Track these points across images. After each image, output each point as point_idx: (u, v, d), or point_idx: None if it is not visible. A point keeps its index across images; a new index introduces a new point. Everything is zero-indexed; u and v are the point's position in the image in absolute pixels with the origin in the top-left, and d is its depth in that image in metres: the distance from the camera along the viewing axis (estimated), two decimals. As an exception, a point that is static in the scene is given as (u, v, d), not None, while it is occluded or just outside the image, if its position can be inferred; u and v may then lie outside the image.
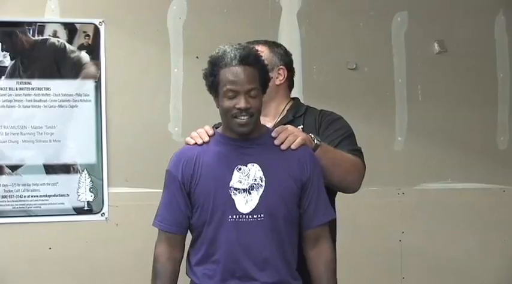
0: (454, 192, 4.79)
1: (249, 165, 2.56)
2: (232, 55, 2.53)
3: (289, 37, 4.58)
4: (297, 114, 3.02)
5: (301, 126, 2.96)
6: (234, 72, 2.52)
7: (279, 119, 3.00)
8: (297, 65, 4.53)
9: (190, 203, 2.59)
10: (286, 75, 3.04)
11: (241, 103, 2.52)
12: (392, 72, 4.74)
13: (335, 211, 2.75)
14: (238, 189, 2.54)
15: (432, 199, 4.74)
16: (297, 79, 4.61)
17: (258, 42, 3.07)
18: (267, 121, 2.96)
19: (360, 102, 4.62)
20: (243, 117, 2.54)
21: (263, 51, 2.94)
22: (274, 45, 3.10)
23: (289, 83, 3.10)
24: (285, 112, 3.02)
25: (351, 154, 2.87)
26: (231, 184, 2.54)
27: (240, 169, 2.56)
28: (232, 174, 2.55)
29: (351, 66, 4.67)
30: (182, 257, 2.65)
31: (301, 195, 2.60)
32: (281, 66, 3.03)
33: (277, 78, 3.01)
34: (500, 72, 4.88)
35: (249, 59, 2.53)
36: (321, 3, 4.66)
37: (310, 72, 4.59)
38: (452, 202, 4.78)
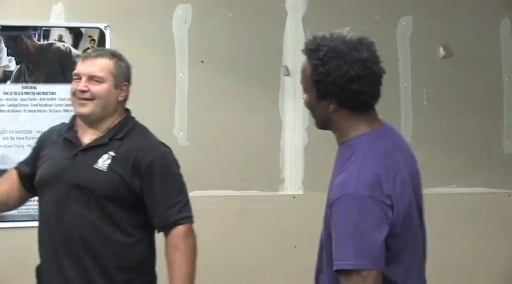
0: (459, 197, 4.79)
1: None
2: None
3: (294, 41, 4.59)
4: (117, 135, 2.95)
5: (113, 154, 2.89)
6: None
7: (94, 137, 2.95)
8: (302, 70, 4.59)
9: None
10: (128, 92, 3.05)
11: None
12: (398, 76, 4.74)
13: None
14: None
15: (437, 204, 4.72)
16: (302, 83, 4.65)
17: (105, 53, 3.03)
18: (88, 139, 2.94)
19: (365, 106, 4.62)
20: None
21: (109, 65, 2.95)
22: (120, 60, 3.04)
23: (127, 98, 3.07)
24: (107, 130, 2.97)
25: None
26: None
27: None
28: None
29: (356, 71, 4.67)
30: None
31: None
32: (125, 82, 3.03)
33: (120, 94, 2.99)
34: (505, 76, 4.88)
35: None
36: (326, 8, 4.66)
37: (315, 77, 4.59)
38: (457, 207, 4.78)
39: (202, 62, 4.49)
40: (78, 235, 2.86)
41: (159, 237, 3.00)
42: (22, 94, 4.29)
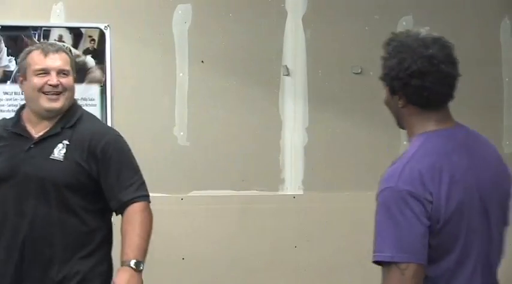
0: (459, 197, 4.78)
1: None
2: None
3: (294, 41, 4.58)
4: (67, 124, 2.96)
5: (67, 143, 2.91)
6: None
7: (46, 129, 2.95)
8: (302, 69, 4.59)
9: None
10: None
11: None
12: (398, 76, 4.74)
13: None
14: None
15: (437, 204, 4.72)
16: (302, 83, 4.64)
17: (61, 47, 3.07)
18: (38, 131, 2.94)
19: (365, 106, 4.61)
20: None
21: (67, 58, 2.97)
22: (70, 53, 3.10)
23: None
24: (57, 120, 2.97)
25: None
26: None
27: None
28: None
29: (356, 70, 4.67)
30: None
31: None
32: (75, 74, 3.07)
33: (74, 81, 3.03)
34: (505, 77, 4.88)
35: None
36: (326, 8, 4.66)
37: (315, 77, 4.59)
38: (457, 207, 4.77)
39: (202, 62, 4.49)
40: (40, 228, 2.87)
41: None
42: (22, 94, 4.27)
